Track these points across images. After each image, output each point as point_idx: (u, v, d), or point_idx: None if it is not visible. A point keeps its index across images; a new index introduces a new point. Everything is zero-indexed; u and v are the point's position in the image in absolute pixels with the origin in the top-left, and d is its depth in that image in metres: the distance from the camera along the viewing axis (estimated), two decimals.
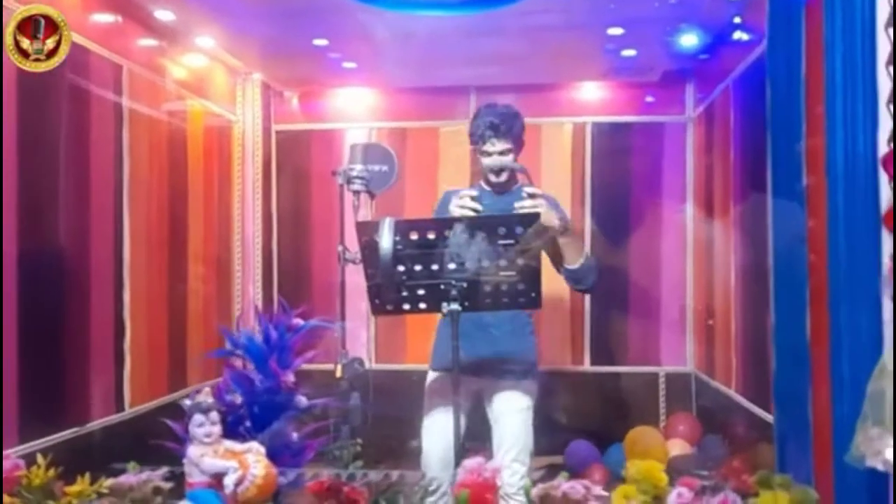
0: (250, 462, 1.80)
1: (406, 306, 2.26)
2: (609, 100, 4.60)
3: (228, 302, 4.36)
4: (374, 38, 3.67)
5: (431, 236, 2.15)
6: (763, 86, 3.18)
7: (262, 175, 4.50)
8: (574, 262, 2.52)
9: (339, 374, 2.26)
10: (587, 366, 4.56)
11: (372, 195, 2.43)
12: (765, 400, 3.17)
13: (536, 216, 2.13)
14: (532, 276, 2.19)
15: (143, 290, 3.42)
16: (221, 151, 4.29)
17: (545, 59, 4.07)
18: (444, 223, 2.17)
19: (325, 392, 2.32)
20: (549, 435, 4.54)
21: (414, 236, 2.15)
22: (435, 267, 2.18)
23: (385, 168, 2.42)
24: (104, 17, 3.23)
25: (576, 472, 4.16)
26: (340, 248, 2.31)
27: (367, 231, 2.13)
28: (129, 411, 3.29)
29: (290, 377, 2.24)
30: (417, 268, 2.18)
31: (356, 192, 2.35)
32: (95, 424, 3.06)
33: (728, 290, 3.72)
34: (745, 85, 3.54)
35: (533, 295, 2.22)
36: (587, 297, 4.52)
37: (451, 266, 2.17)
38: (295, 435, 2.22)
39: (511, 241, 2.13)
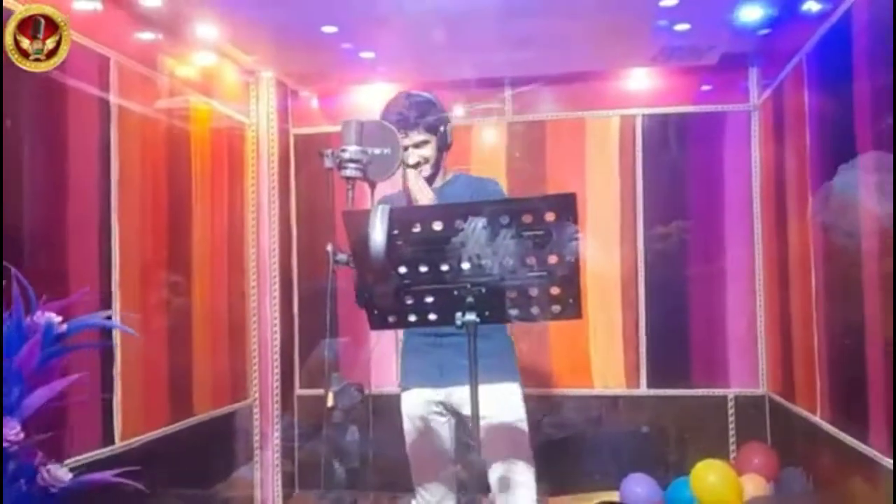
0: None
1: (412, 318, 1.81)
2: (661, 89, 4.09)
3: (242, 324, 3.96)
4: (391, 24, 3.27)
5: (438, 228, 1.70)
6: (846, 56, 2.70)
7: (278, 183, 4.11)
8: None
9: (330, 402, 1.81)
10: (643, 388, 4.03)
11: (371, 184, 1.99)
12: (860, 428, 2.63)
13: (572, 197, 1.65)
14: (569, 277, 1.72)
15: (136, 311, 3.03)
16: (232, 156, 3.91)
17: (588, 43, 3.61)
18: (453, 210, 1.71)
19: (318, 425, 1.88)
20: (601, 467, 4.09)
21: (416, 228, 1.70)
22: (445, 267, 1.73)
23: (387, 151, 1.98)
24: (88, 3, 2.89)
25: None
26: (330, 247, 1.87)
27: (356, 223, 1.69)
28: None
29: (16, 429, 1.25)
30: (423, 269, 1.74)
31: (350, 180, 1.91)
32: None
33: (808, 300, 3.17)
34: (822, 58, 3.02)
35: (570, 301, 1.75)
36: (642, 311, 4.01)
37: (466, 266, 1.72)
38: None
39: (540, 232, 1.66)
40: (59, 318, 1.25)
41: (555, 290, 1.74)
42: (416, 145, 2.38)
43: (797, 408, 3.39)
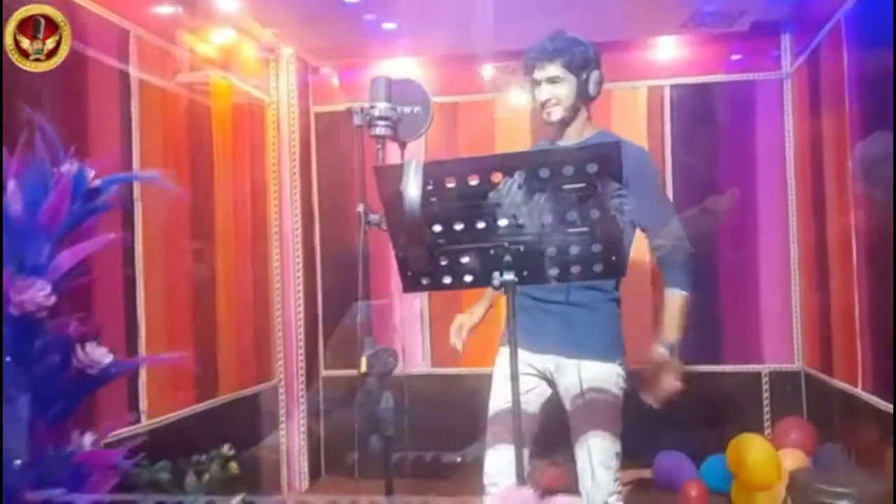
0: None
1: (447, 280, 1.74)
2: (689, 58, 3.99)
3: (266, 304, 3.91)
4: None
5: (474, 183, 1.62)
6: (889, 13, 2.59)
7: (299, 160, 4.04)
8: None
9: (363, 368, 1.74)
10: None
11: (402, 144, 1.92)
12: None
13: (616, 147, 1.57)
14: (612, 234, 1.64)
15: (159, 291, 2.98)
16: (253, 133, 3.86)
17: (615, 10, 3.51)
18: (489, 163, 1.64)
19: (349, 396, 1.81)
20: (633, 444, 3.97)
21: (451, 184, 1.63)
22: (481, 225, 1.65)
23: (417, 109, 1.91)
24: None
25: (668, 488, 3.63)
26: (360, 207, 1.80)
27: (388, 179, 1.62)
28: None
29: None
30: (458, 227, 1.66)
31: (380, 138, 1.84)
32: None
33: (849, 270, 3.07)
34: (863, 17, 2.91)
35: (613, 259, 1.67)
36: None
37: (503, 223, 1.65)
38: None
39: (582, 185, 1.59)
40: (92, 172, 1.18)
41: (597, 248, 1.66)
42: (550, 80, 2.19)
43: (836, 381, 3.29)
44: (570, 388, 2.22)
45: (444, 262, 1.72)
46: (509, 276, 1.67)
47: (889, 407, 2.65)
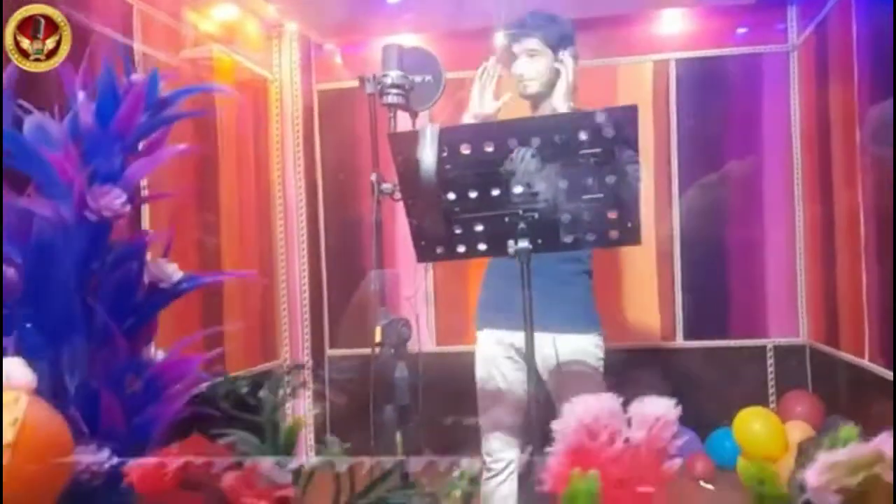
0: None
1: (461, 248, 1.73)
2: (695, 32, 3.96)
3: (271, 282, 3.91)
4: None
5: (489, 149, 1.61)
6: None
7: (303, 138, 4.03)
8: None
9: (378, 338, 1.74)
10: (680, 340, 3.95)
11: (413, 113, 1.91)
12: None
13: (633, 110, 1.56)
14: (628, 199, 1.63)
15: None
16: (257, 109, 3.83)
17: None
18: (504, 129, 1.63)
19: (364, 371, 1.80)
20: None
21: (466, 150, 1.62)
22: (496, 192, 1.64)
23: (428, 78, 1.90)
24: None
25: None
26: (374, 176, 1.79)
27: (404, 146, 1.61)
28: None
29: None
30: (473, 194, 1.65)
31: (392, 107, 1.83)
32: None
33: (856, 243, 3.07)
34: None
35: (629, 225, 1.66)
36: (677, 263, 3.92)
37: (518, 190, 1.63)
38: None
39: (598, 150, 1.58)
40: (163, 82, 1.18)
41: (612, 214, 1.65)
42: (528, 53, 2.24)
43: (842, 353, 3.30)
44: (548, 360, 2.22)
45: (458, 231, 1.71)
46: (524, 244, 1.66)
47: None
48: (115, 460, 0.91)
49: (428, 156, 1.57)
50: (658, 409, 0.76)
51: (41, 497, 0.86)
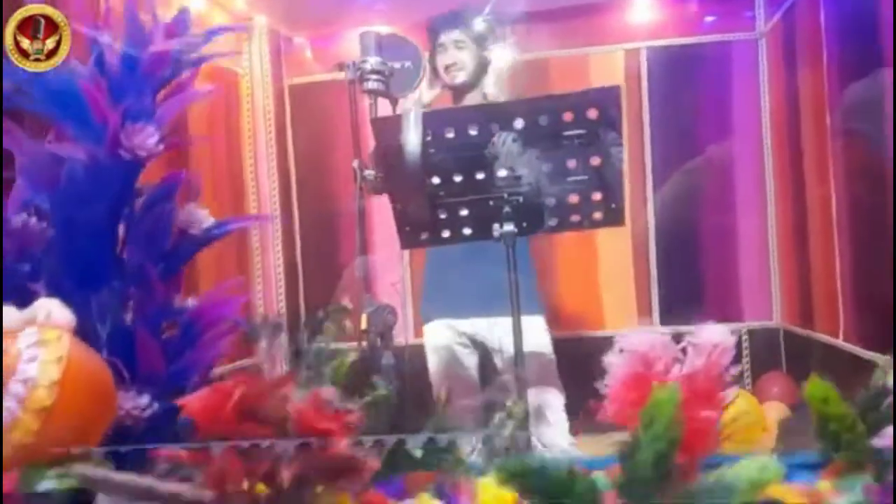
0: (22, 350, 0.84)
1: (445, 233, 1.73)
2: (665, 20, 3.99)
3: (247, 273, 3.87)
4: None
5: (474, 133, 1.61)
6: None
7: (275, 132, 3.99)
8: None
9: (363, 325, 1.73)
10: (657, 325, 3.98)
11: (393, 99, 1.90)
12: (887, 342, 2.59)
13: (616, 91, 1.57)
14: (612, 181, 1.64)
15: None
16: (229, 108, 3.79)
17: None
18: (488, 111, 1.63)
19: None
20: None
21: (450, 134, 1.61)
22: (481, 176, 1.65)
23: (408, 64, 1.89)
24: None
25: None
26: (356, 163, 1.78)
27: (387, 131, 1.60)
28: None
29: None
30: (457, 178, 1.65)
31: (372, 93, 1.81)
32: None
33: (828, 225, 3.11)
34: None
35: (613, 206, 1.68)
36: (653, 247, 3.95)
37: (502, 174, 1.64)
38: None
39: (582, 131, 1.58)
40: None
41: (597, 196, 1.66)
42: (455, 44, 2.34)
43: (817, 334, 3.35)
44: (498, 345, 2.28)
45: (442, 216, 1.71)
46: (509, 228, 1.66)
47: (873, 355, 2.70)
48: (156, 405, 0.89)
49: (412, 140, 1.56)
50: (715, 336, 0.77)
51: (87, 435, 0.84)
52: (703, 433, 0.70)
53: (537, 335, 2.33)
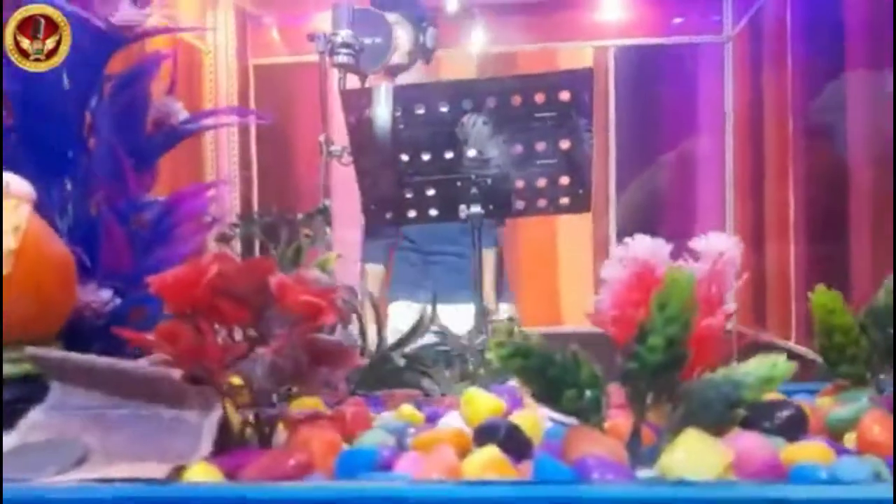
0: None
1: (411, 213, 1.70)
2: (634, 19, 4.01)
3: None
4: None
5: (444, 109, 1.58)
6: None
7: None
8: None
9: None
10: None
11: (363, 75, 1.86)
12: None
13: (589, 73, 1.55)
14: (580, 166, 1.63)
15: None
16: (191, 80, 3.70)
17: None
18: (460, 88, 1.60)
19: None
20: None
21: (420, 110, 1.58)
22: (450, 155, 1.61)
23: (378, 40, 1.85)
24: None
25: None
26: (322, 137, 1.74)
27: (356, 104, 1.56)
28: None
29: None
30: (426, 156, 1.62)
31: (341, 67, 1.78)
32: None
33: (784, 233, 3.17)
34: None
35: (580, 192, 1.66)
36: (614, 245, 3.97)
37: (471, 154, 1.61)
38: None
39: (553, 114, 1.57)
40: None
41: (564, 180, 1.64)
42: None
43: (768, 336, 3.40)
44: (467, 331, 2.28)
45: (409, 195, 1.67)
46: (476, 209, 1.64)
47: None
48: (118, 301, 0.84)
49: (382, 115, 1.53)
50: (721, 244, 0.75)
51: (46, 316, 0.78)
52: (706, 341, 0.68)
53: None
